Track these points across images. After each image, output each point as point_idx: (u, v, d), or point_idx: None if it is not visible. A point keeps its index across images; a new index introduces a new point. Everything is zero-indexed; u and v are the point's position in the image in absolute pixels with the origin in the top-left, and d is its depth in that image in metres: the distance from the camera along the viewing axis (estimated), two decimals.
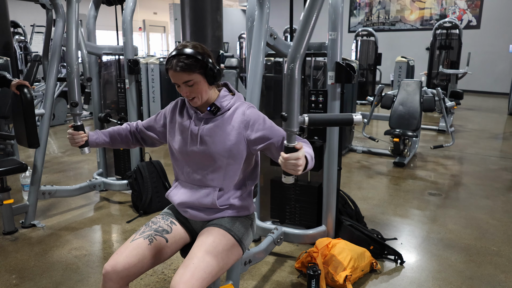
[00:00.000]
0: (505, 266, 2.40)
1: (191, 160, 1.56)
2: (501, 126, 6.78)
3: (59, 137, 6.02)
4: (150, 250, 1.46)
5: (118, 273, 1.38)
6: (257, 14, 2.16)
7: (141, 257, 1.42)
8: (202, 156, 1.53)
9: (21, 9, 11.42)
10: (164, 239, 1.52)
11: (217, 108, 1.53)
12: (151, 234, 1.50)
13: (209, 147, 1.51)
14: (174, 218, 1.63)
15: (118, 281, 1.39)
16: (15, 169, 2.68)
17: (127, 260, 1.39)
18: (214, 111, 1.53)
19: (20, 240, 2.73)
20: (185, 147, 1.55)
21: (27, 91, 2.55)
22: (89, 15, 3.35)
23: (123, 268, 1.38)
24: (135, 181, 3.19)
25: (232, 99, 1.57)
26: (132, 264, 1.40)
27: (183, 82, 1.44)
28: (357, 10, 13.40)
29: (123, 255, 1.41)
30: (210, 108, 1.52)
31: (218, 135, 1.51)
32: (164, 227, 1.56)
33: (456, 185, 3.85)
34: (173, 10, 15.29)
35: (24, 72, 7.12)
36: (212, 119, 1.54)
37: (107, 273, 1.38)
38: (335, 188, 2.41)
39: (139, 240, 1.47)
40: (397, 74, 7.87)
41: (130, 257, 1.40)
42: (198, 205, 1.56)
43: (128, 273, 1.40)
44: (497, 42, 10.95)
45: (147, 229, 1.53)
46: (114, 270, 1.38)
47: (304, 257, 2.26)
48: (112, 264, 1.39)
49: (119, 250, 1.44)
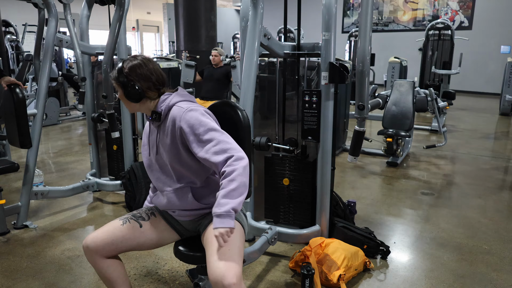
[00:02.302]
0: (496, 264, 2.42)
1: (155, 170, 1.61)
2: (492, 126, 6.86)
3: (51, 137, 5.98)
4: (121, 230, 1.56)
5: (88, 246, 1.52)
6: (251, 14, 2.17)
7: (111, 234, 1.54)
8: (160, 163, 1.58)
9: (12, 8, 11.30)
10: (138, 224, 1.60)
11: (157, 114, 1.53)
12: (127, 218, 1.61)
13: (162, 156, 1.56)
14: (158, 212, 1.68)
15: (91, 254, 1.53)
16: (6, 169, 2.66)
17: (96, 235, 1.53)
18: (156, 118, 1.54)
19: (12, 241, 2.71)
20: (147, 158, 1.63)
21: (19, 91, 2.53)
22: (82, 14, 3.33)
23: (91, 242, 1.52)
24: (128, 182, 3.17)
25: (170, 99, 1.53)
26: (100, 239, 1.52)
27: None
28: (350, 10, 13.45)
29: (95, 233, 1.55)
30: (151, 117, 1.55)
31: (165, 142, 1.53)
32: (142, 215, 1.64)
33: (448, 185, 3.89)
34: (166, 10, 15.23)
35: (16, 72, 7.05)
36: (160, 126, 1.56)
37: (82, 247, 1.55)
38: (329, 188, 2.42)
39: (115, 221, 1.60)
40: (390, 74, 7.92)
41: (100, 233, 1.54)
42: (180, 205, 1.59)
43: (97, 248, 1.52)
44: (489, 43, 11.06)
45: (128, 214, 1.65)
46: (85, 244, 1.54)
47: (297, 256, 2.27)
48: (85, 241, 1.54)
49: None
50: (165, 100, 1.54)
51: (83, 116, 7.56)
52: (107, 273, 1.57)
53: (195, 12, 6.60)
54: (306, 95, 2.37)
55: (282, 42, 2.45)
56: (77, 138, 5.92)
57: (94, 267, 1.57)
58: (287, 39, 2.69)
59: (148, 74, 1.51)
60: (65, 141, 5.75)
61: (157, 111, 1.53)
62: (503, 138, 5.98)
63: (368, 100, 1.51)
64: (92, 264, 1.56)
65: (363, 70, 1.47)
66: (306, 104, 2.37)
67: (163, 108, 1.52)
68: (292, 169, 2.49)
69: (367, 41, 1.45)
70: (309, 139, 2.41)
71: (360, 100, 1.51)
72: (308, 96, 2.36)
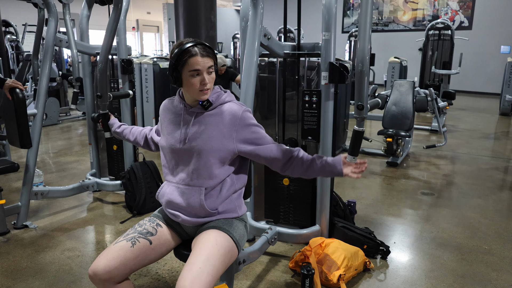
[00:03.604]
0: (496, 264, 2.42)
1: (178, 158, 1.57)
2: (492, 126, 6.86)
3: (51, 137, 5.98)
4: (133, 252, 1.46)
5: (99, 276, 1.40)
6: (251, 14, 2.17)
7: (123, 259, 1.43)
8: (189, 153, 1.53)
9: (12, 8, 11.30)
10: (148, 241, 1.52)
11: (209, 102, 1.52)
12: (134, 237, 1.51)
13: (197, 144, 1.51)
14: (162, 221, 1.63)
15: (103, 283, 1.42)
16: (6, 169, 2.66)
17: (107, 263, 1.41)
18: (206, 106, 1.52)
19: (12, 241, 2.71)
20: (174, 144, 1.56)
21: (19, 91, 2.53)
22: (82, 14, 3.33)
23: (104, 272, 1.40)
24: (128, 182, 3.18)
25: (224, 95, 1.57)
26: (113, 267, 1.41)
27: (208, 67, 1.47)
28: (350, 10, 13.46)
29: (104, 259, 1.42)
30: (202, 102, 1.52)
31: (208, 132, 1.51)
32: (149, 230, 1.56)
33: (448, 185, 3.89)
34: (166, 10, 15.24)
35: (16, 72, 7.05)
36: (202, 114, 1.54)
37: (90, 277, 1.42)
38: (329, 188, 2.42)
39: (122, 243, 1.48)
40: (390, 74, 7.92)
41: (111, 260, 1.42)
42: (187, 206, 1.55)
43: (110, 276, 1.41)
44: (489, 43, 11.07)
45: (132, 231, 1.55)
46: (95, 274, 1.40)
47: (297, 256, 2.27)
48: (93, 269, 1.41)
49: (102, 254, 1.45)
50: (218, 92, 1.57)
51: (83, 116, 7.56)
52: None
53: (195, 12, 6.61)
54: (306, 95, 2.37)
55: (282, 42, 2.45)
56: (77, 138, 5.92)
57: None
58: (287, 39, 2.68)
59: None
60: (65, 141, 5.75)
61: (209, 99, 1.53)
62: (503, 138, 5.98)
63: (368, 100, 1.51)
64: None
65: (363, 70, 1.48)
66: (306, 104, 2.37)
67: (217, 99, 1.55)
68: None
69: (366, 40, 1.45)
70: (309, 139, 2.41)
71: (359, 100, 1.51)
72: (308, 96, 2.36)
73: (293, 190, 2.52)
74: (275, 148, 1.56)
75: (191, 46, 1.46)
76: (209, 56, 1.48)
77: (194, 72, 1.46)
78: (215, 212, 1.56)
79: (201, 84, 1.48)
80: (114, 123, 2.03)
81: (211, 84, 1.51)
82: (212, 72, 1.50)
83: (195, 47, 1.46)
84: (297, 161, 1.57)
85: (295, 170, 1.58)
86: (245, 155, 1.57)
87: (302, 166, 1.57)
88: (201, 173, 1.53)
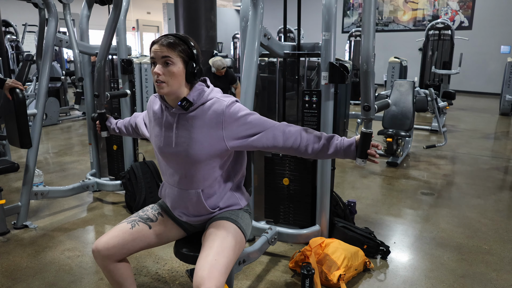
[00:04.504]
0: (496, 264, 2.42)
1: (169, 161, 1.53)
2: (492, 126, 6.85)
3: (51, 137, 5.98)
4: (131, 234, 1.54)
5: (99, 252, 1.49)
6: (251, 14, 2.17)
7: (121, 239, 1.51)
8: (178, 157, 1.48)
9: (12, 8, 11.30)
10: (147, 226, 1.59)
11: (188, 102, 1.41)
12: (134, 220, 1.59)
13: (183, 149, 1.45)
14: (163, 211, 1.67)
15: (103, 259, 1.51)
16: (6, 169, 2.65)
17: (107, 241, 1.50)
18: (186, 106, 1.41)
19: (12, 241, 2.71)
20: (162, 147, 1.52)
21: (19, 92, 2.53)
22: (82, 14, 3.33)
23: (103, 248, 1.49)
24: (128, 182, 3.18)
25: (207, 92, 1.46)
26: (111, 245, 1.49)
27: (162, 57, 1.36)
28: (350, 10, 13.45)
29: (105, 237, 1.52)
30: (181, 103, 1.41)
31: (192, 137, 1.44)
32: (150, 216, 1.62)
33: (448, 185, 3.89)
34: (166, 10, 15.23)
35: (16, 72, 7.05)
36: (185, 115, 1.45)
37: (92, 252, 1.52)
38: (329, 188, 2.42)
39: (123, 224, 1.57)
40: (390, 74, 7.92)
41: (111, 239, 1.51)
42: (188, 209, 1.57)
43: (109, 253, 1.50)
44: (489, 43, 11.06)
45: (134, 215, 1.62)
46: (96, 249, 1.50)
47: (297, 256, 2.27)
48: (95, 244, 1.51)
49: (105, 233, 1.55)
50: (199, 90, 1.45)
51: (83, 116, 7.56)
52: (116, 276, 1.55)
53: (195, 12, 6.60)
54: (306, 95, 2.37)
55: (282, 42, 2.45)
56: (77, 138, 5.92)
57: (104, 271, 1.55)
58: (287, 39, 2.68)
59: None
60: (65, 141, 5.75)
61: (188, 98, 1.42)
62: (503, 138, 5.97)
63: (374, 100, 1.50)
64: (103, 268, 1.54)
65: (368, 70, 1.47)
66: (306, 104, 2.37)
67: (198, 98, 1.44)
68: (292, 169, 2.49)
69: (370, 40, 1.44)
70: None
71: (365, 101, 1.50)
72: (308, 96, 2.36)
73: (293, 190, 2.52)
74: (271, 136, 1.45)
75: (162, 36, 1.40)
76: (168, 47, 1.35)
77: (152, 60, 1.39)
78: (217, 210, 1.57)
79: (154, 73, 1.38)
80: (112, 122, 2.05)
81: (167, 78, 1.37)
82: (171, 64, 1.36)
83: (164, 37, 1.38)
84: (300, 151, 1.49)
85: (303, 155, 1.51)
86: (241, 149, 1.50)
87: (310, 155, 1.49)
88: (194, 176, 1.49)
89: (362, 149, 1.47)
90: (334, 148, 1.47)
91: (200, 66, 1.44)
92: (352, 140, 1.46)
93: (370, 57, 1.44)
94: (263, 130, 1.45)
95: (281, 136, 1.46)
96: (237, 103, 1.47)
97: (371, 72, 1.46)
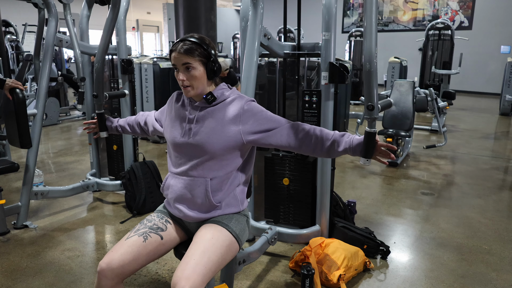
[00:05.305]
0: (496, 264, 2.42)
1: (183, 151, 1.56)
2: (492, 126, 6.86)
3: (51, 137, 5.98)
4: (145, 247, 1.48)
5: (113, 270, 1.39)
6: (251, 14, 2.17)
7: (136, 254, 1.44)
8: (194, 147, 1.53)
9: (12, 8, 11.31)
10: (159, 237, 1.54)
11: (213, 97, 1.52)
12: (145, 232, 1.52)
13: (201, 138, 1.51)
14: (169, 217, 1.65)
15: (113, 278, 1.40)
16: (6, 169, 2.65)
17: (122, 258, 1.41)
18: (210, 100, 1.52)
19: (12, 241, 2.71)
20: (178, 137, 1.56)
21: (19, 92, 2.53)
22: (82, 14, 3.33)
23: (118, 266, 1.40)
24: (128, 182, 3.18)
25: (228, 92, 1.57)
26: (127, 262, 1.42)
27: (182, 64, 1.46)
28: (350, 10, 13.46)
29: (118, 252, 1.42)
30: (206, 96, 1.52)
31: (212, 127, 1.51)
32: (159, 225, 1.58)
33: (448, 185, 3.89)
34: (166, 10, 15.23)
35: (16, 72, 7.05)
36: (207, 108, 1.54)
37: (102, 270, 1.39)
38: (329, 188, 2.42)
39: (134, 237, 1.49)
40: (390, 74, 7.93)
41: (125, 255, 1.42)
42: (191, 199, 1.55)
43: (123, 270, 1.42)
44: (489, 43, 11.07)
45: (142, 227, 1.55)
46: (109, 267, 1.39)
47: (297, 256, 2.27)
48: (107, 262, 1.40)
49: (114, 248, 1.45)
50: (223, 88, 1.56)
51: (83, 116, 7.56)
52: None
53: (195, 12, 6.60)
54: (306, 95, 2.37)
55: (282, 42, 2.45)
56: (77, 138, 5.93)
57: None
58: (287, 39, 2.69)
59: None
60: (65, 141, 5.75)
61: (213, 93, 1.53)
62: (503, 138, 5.98)
63: (378, 100, 1.51)
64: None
65: (371, 70, 1.47)
66: (306, 104, 2.37)
67: (222, 94, 1.55)
68: (292, 169, 2.49)
69: (373, 40, 1.45)
70: None
71: (369, 100, 1.50)
72: (308, 96, 2.36)
73: (293, 190, 2.52)
74: (286, 133, 1.52)
75: (178, 41, 1.49)
76: (187, 53, 1.45)
77: (174, 67, 1.50)
78: (219, 205, 1.56)
79: (179, 80, 1.49)
80: (113, 121, 2.04)
81: (191, 82, 1.48)
82: (192, 69, 1.46)
83: (180, 43, 1.47)
84: (312, 148, 1.53)
85: (315, 154, 1.56)
86: (256, 145, 1.57)
87: (321, 153, 1.54)
88: (206, 166, 1.53)
89: (366, 149, 1.47)
90: (343, 146, 1.51)
91: (219, 63, 1.54)
92: (362, 139, 1.51)
93: (373, 57, 1.44)
94: (278, 126, 1.52)
95: (295, 134, 1.53)
96: (255, 102, 1.57)
97: (374, 71, 1.46)
